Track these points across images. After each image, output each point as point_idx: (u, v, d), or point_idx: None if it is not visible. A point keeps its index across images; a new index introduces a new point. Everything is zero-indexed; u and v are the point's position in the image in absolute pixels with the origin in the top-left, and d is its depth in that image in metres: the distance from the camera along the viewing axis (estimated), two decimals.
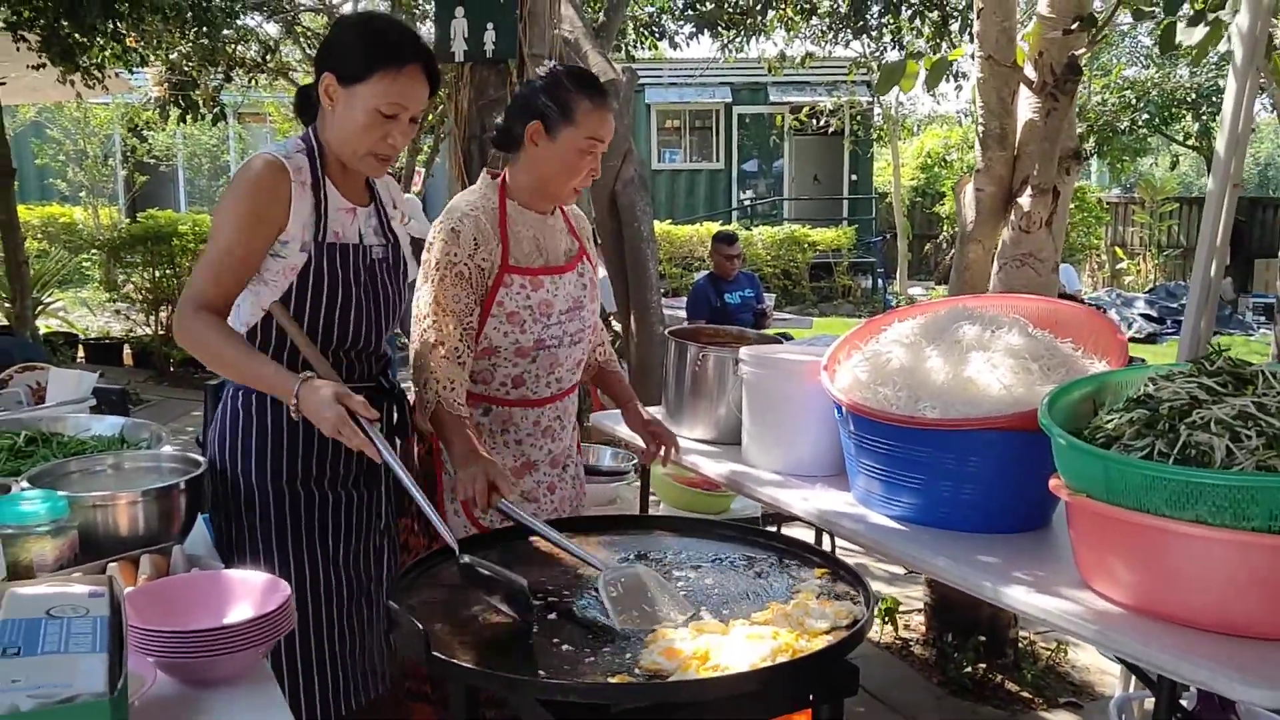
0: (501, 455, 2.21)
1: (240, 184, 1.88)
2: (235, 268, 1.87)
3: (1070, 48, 2.91)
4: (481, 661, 1.42)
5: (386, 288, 2.03)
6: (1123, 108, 14.18)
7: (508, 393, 2.21)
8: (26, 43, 6.37)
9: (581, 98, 2.11)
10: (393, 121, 1.88)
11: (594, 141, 2.12)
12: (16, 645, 1.00)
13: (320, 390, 1.77)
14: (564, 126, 2.10)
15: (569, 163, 2.13)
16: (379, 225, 2.05)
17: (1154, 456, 1.60)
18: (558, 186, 2.18)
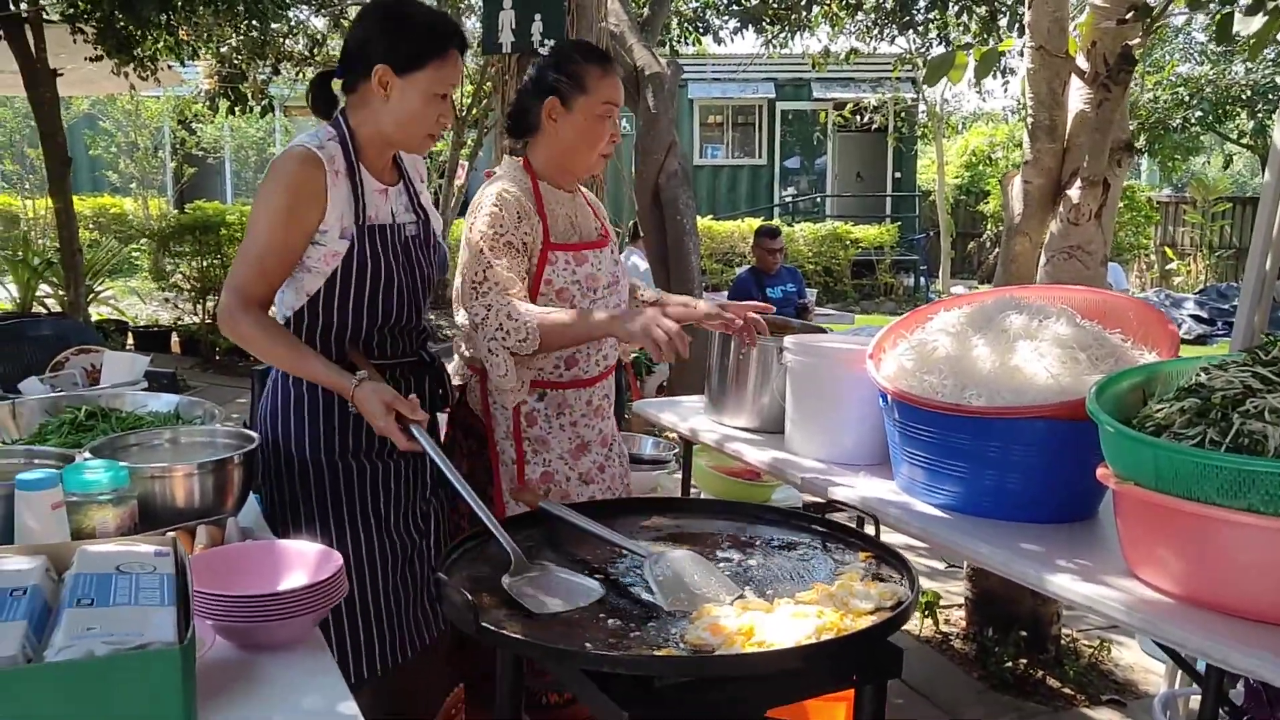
0: (558, 439, 2.25)
1: (276, 179, 1.93)
2: (277, 261, 1.93)
3: (1124, 38, 2.88)
4: (528, 633, 1.44)
5: (421, 263, 2.09)
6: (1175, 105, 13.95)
7: (560, 375, 2.24)
8: (83, 34, 6.52)
9: (591, 66, 2.19)
10: (444, 101, 1.97)
11: (610, 106, 2.19)
12: (90, 597, 1.04)
13: (370, 401, 1.85)
14: (579, 96, 2.18)
15: (589, 130, 2.20)
16: (409, 202, 2.11)
17: (1205, 445, 1.58)
18: (583, 156, 2.23)
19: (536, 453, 2.24)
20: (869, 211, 18.93)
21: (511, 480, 2.23)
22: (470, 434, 2.30)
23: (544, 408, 2.24)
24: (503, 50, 4.36)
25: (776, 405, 2.72)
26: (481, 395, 2.26)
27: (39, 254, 9.69)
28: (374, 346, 2.04)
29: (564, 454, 2.26)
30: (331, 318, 1.99)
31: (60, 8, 6.79)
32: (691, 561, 1.66)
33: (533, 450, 2.24)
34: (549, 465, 2.25)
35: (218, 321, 1.94)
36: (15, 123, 15.81)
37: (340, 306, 1.98)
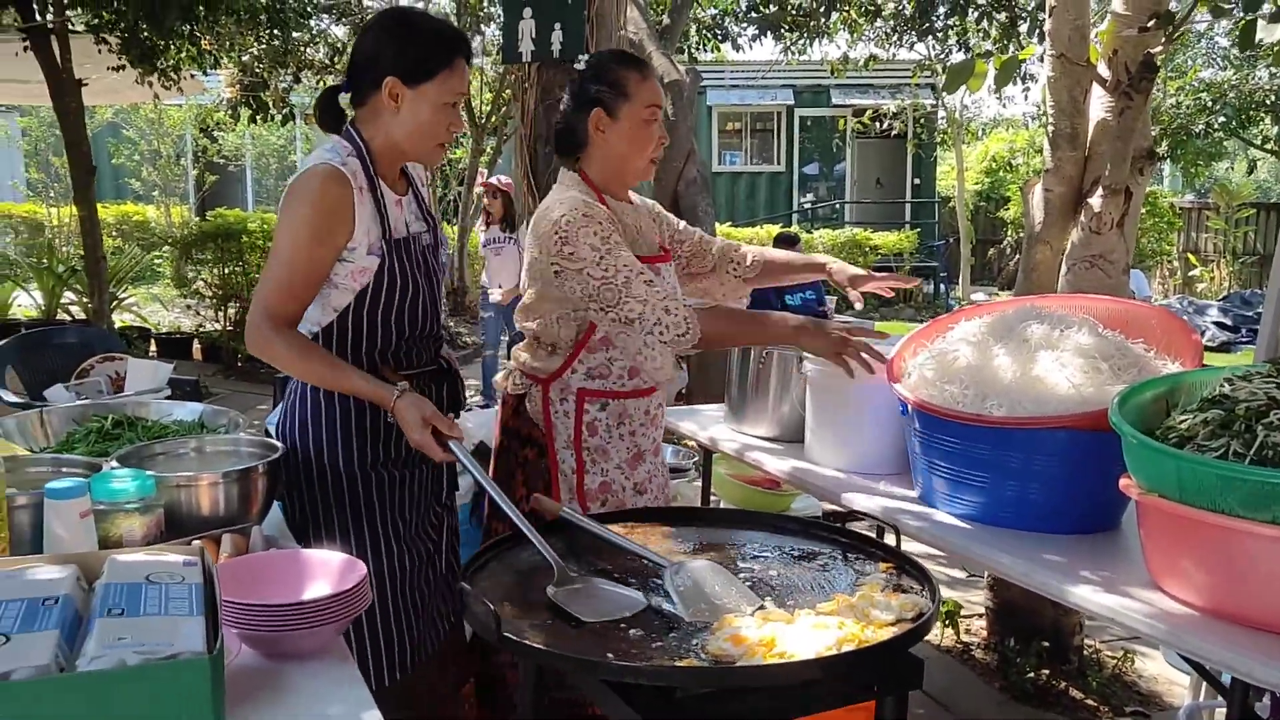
0: (616, 449, 2.26)
1: (303, 198, 1.91)
2: (307, 281, 1.93)
3: (1145, 45, 2.87)
4: (550, 643, 1.45)
5: (435, 271, 2.12)
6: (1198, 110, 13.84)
7: (624, 384, 2.24)
8: (107, 45, 6.59)
9: (630, 71, 2.21)
10: (454, 110, 1.99)
11: (654, 108, 2.21)
12: (120, 606, 1.05)
13: (410, 413, 1.87)
14: (623, 103, 2.19)
15: (637, 136, 2.21)
16: (418, 209, 2.13)
17: (1229, 457, 1.57)
18: (635, 163, 2.24)
19: (595, 463, 2.25)
20: (888, 218, 18.89)
21: (570, 490, 2.24)
22: (527, 443, 2.29)
23: (605, 417, 2.25)
24: (523, 59, 4.39)
25: (796, 414, 2.73)
26: (543, 404, 2.25)
27: (64, 261, 9.80)
28: (400, 357, 2.05)
29: (621, 464, 2.27)
30: (361, 332, 1.99)
31: (85, 19, 6.87)
32: (712, 571, 1.67)
33: (592, 460, 2.24)
34: (607, 475, 2.25)
35: (247, 342, 1.94)
36: (41, 131, 16.00)
37: (370, 321, 1.99)
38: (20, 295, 9.89)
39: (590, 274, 2.10)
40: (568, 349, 2.22)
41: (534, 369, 2.27)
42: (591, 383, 2.22)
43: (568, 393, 2.23)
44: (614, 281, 2.08)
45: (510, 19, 4.44)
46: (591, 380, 2.22)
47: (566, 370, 2.22)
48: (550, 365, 2.24)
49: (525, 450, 2.29)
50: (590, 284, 2.10)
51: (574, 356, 2.21)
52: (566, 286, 2.14)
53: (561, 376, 2.23)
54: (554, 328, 2.21)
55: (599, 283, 2.09)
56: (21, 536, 1.58)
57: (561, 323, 2.21)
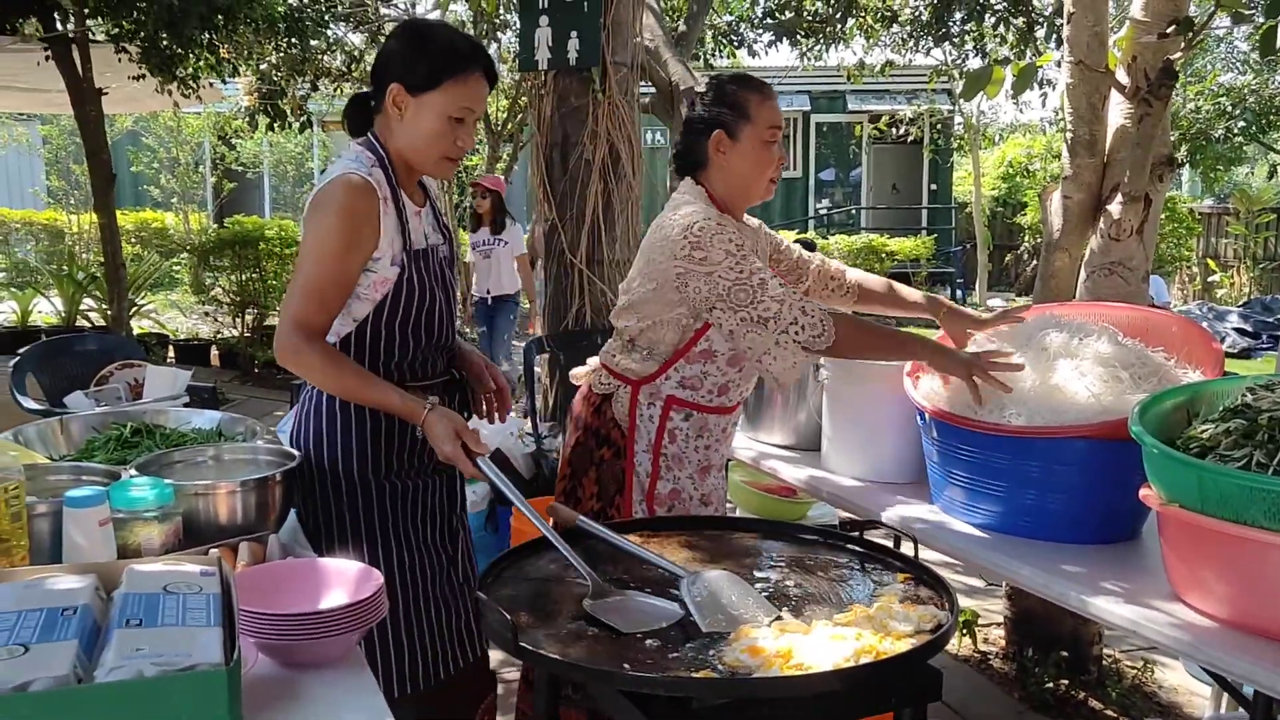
0: (691, 459, 2.28)
1: (330, 208, 1.90)
2: (337, 292, 1.93)
3: (1165, 52, 2.85)
4: (567, 653, 1.45)
5: (450, 282, 2.11)
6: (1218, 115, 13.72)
7: (711, 400, 2.27)
8: (127, 54, 6.64)
9: (750, 93, 2.23)
10: (461, 125, 1.95)
11: (775, 130, 2.24)
12: (138, 617, 1.06)
13: (438, 426, 1.87)
14: (744, 125, 2.22)
15: (759, 157, 2.23)
16: (435, 221, 2.12)
17: (1252, 467, 1.56)
18: (756, 184, 2.26)
19: (669, 469, 2.27)
20: (904, 224, 18.82)
21: (643, 492, 2.27)
22: (605, 443, 2.30)
23: (687, 427, 2.27)
24: (539, 67, 4.41)
25: (813, 422, 2.72)
26: (630, 406, 2.27)
27: (83, 268, 9.88)
28: (416, 368, 2.05)
29: (693, 474, 2.29)
30: (380, 342, 1.99)
31: (106, 28, 6.93)
32: (729, 581, 1.66)
33: (666, 466, 2.27)
34: (678, 483, 2.28)
35: (276, 353, 1.93)
36: (61, 140, 16.16)
37: (389, 331, 1.99)
38: (41, 302, 9.97)
39: (722, 276, 2.11)
40: (665, 355, 2.24)
41: (626, 369, 2.28)
42: (682, 392, 2.25)
43: (656, 398, 2.25)
44: (749, 282, 2.10)
45: (526, 27, 4.46)
46: (682, 390, 2.25)
47: (660, 376, 2.24)
48: (645, 369, 2.26)
49: (602, 449, 2.30)
50: (721, 285, 2.11)
51: (671, 363, 2.23)
52: (689, 289, 2.14)
53: (654, 381, 2.25)
54: (657, 331, 2.23)
55: (732, 283, 2.10)
56: (41, 545, 1.59)
57: (666, 327, 2.22)
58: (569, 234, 4.44)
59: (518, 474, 4.11)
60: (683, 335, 2.21)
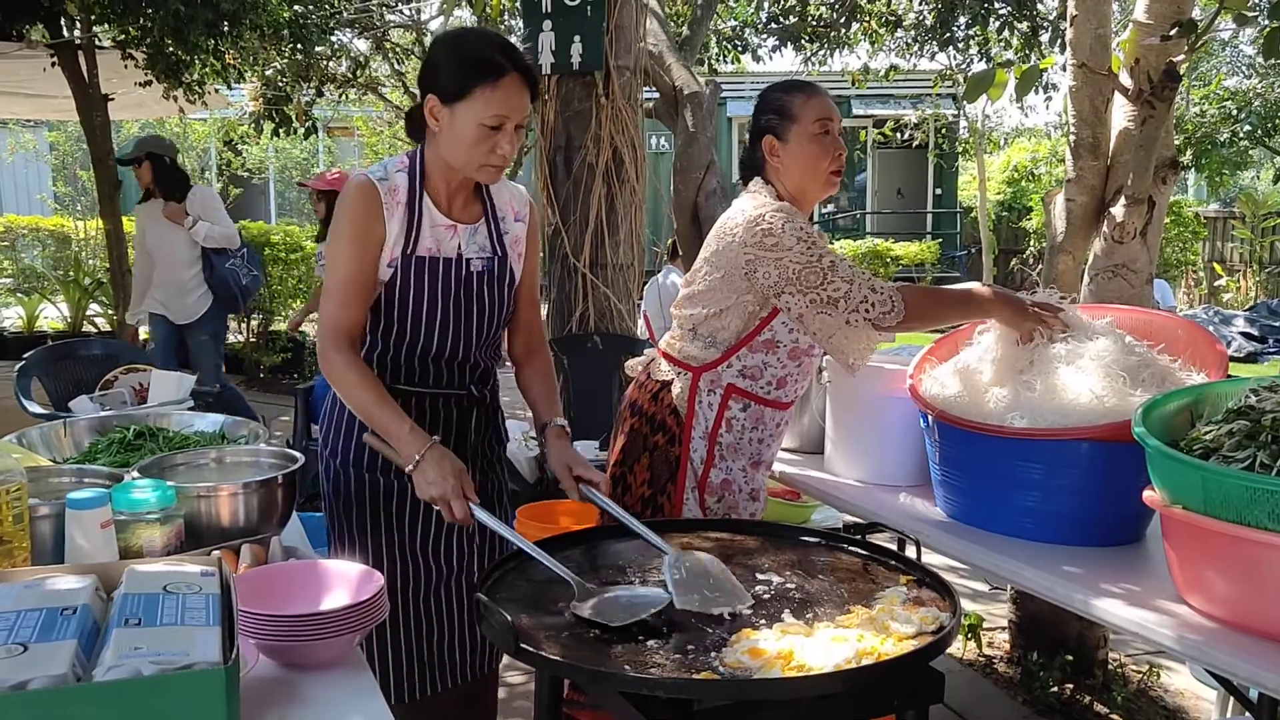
0: (745, 450, 2.29)
1: (341, 210, 1.97)
2: (355, 289, 1.95)
3: (1168, 54, 2.84)
4: (567, 654, 1.45)
5: (483, 299, 2.05)
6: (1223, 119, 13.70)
7: (769, 392, 2.27)
8: (134, 60, 6.67)
9: (793, 95, 2.26)
10: (499, 133, 1.91)
11: (823, 121, 2.24)
12: (138, 616, 1.06)
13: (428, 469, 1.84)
14: (790, 126, 2.24)
15: (809, 152, 2.24)
16: (488, 240, 2.07)
17: (1256, 468, 1.55)
18: (813, 179, 2.27)
19: (723, 459, 2.27)
20: (910, 228, 18.82)
21: (695, 480, 2.27)
22: (660, 429, 2.30)
23: (744, 418, 2.27)
24: (543, 71, 4.42)
25: (816, 425, 2.72)
26: (690, 392, 2.27)
27: (89, 274, 9.91)
28: (416, 375, 2.05)
29: (745, 466, 2.30)
30: (377, 340, 2.02)
31: (112, 34, 6.95)
32: (710, 564, 1.68)
33: (720, 456, 2.27)
34: (730, 474, 2.29)
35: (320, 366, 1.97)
36: (68, 146, 16.20)
37: (385, 331, 2.01)
38: (47, 308, 10.00)
39: (793, 260, 2.12)
40: (729, 342, 2.24)
41: (689, 356, 2.29)
42: (742, 381, 2.25)
43: (717, 385, 2.26)
44: (819, 265, 2.11)
45: (530, 31, 4.47)
46: (743, 379, 2.25)
47: (723, 363, 2.25)
48: (707, 355, 2.26)
49: (656, 436, 2.30)
50: (791, 269, 2.12)
51: (734, 351, 2.24)
52: (758, 275, 2.15)
53: (715, 369, 2.26)
54: (722, 319, 2.23)
55: (802, 266, 2.11)
56: (43, 546, 1.60)
57: (731, 314, 2.22)
58: (572, 238, 4.44)
59: (522, 478, 4.11)
60: (747, 323, 2.22)
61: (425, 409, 2.07)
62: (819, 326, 2.13)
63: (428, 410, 2.07)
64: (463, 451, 2.10)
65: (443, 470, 1.83)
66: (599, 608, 1.57)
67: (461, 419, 2.11)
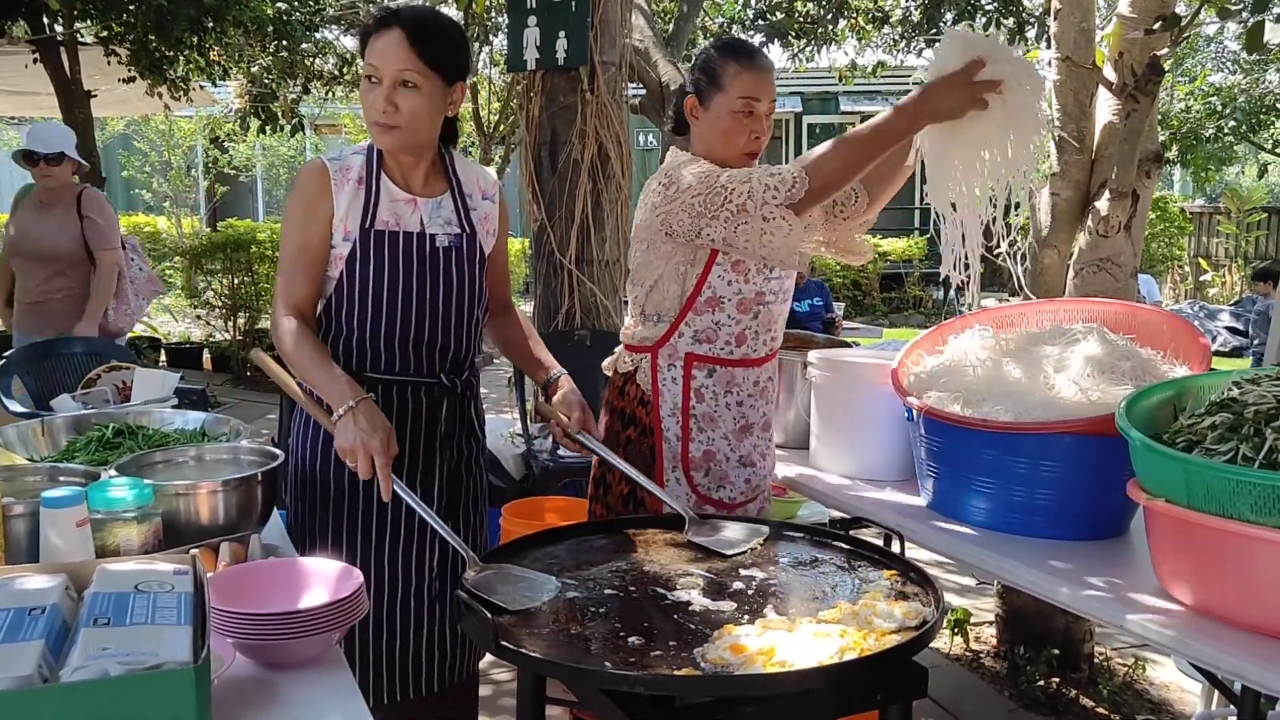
0: (723, 417, 2.24)
1: (292, 190, 2.05)
2: (298, 262, 1.99)
3: (1152, 48, 2.85)
4: (548, 652, 1.43)
5: (451, 276, 2.04)
6: (1208, 115, 13.76)
7: (731, 352, 2.22)
8: (117, 56, 6.63)
9: (728, 61, 2.16)
10: (375, 88, 1.95)
11: (748, 100, 2.15)
12: (107, 616, 1.04)
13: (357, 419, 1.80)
14: (715, 94, 2.17)
15: (727, 127, 2.17)
16: (454, 215, 2.08)
17: (1238, 460, 1.55)
18: (725, 153, 2.19)
19: (702, 429, 2.23)
20: (897, 224, 18.83)
21: (675, 457, 2.22)
22: (631, 423, 2.27)
23: (712, 384, 2.22)
24: (528, 67, 4.40)
25: (802, 420, 2.71)
26: (651, 372, 2.24)
27: None
28: (382, 360, 2.02)
29: (728, 434, 2.24)
30: (342, 323, 2.01)
31: (94, 30, 6.91)
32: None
33: (698, 427, 2.23)
34: (712, 444, 2.23)
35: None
36: None
37: (348, 313, 2.00)
38: None
39: (694, 194, 2.09)
40: (673, 311, 2.21)
41: (643, 339, 2.26)
42: (699, 347, 2.20)
43: (675, 358, 2.22)
44: (717, 184, 2.07)
45: (515, 27, 4.45)
46: (699, 344, 2.21)
47: (674, 334, 2.21)
48: (658, 332, 2.23)
49: (627, 430, 2.27)
50: (696, 203, 2.08)
51: (681, 318, 2.20)
52: (673, 226, 2.12)
53: (669, 341, 2.22)
54: (660, 289, 2.20)
55: (703, 195, 2.07)
56: (18, 546, 1.57)
57: (667, 280, 2.19)
58: (558, 233, 4.43)
59: (508, 475, 4.09)
60: (684, 286, 2.18)
61: (393, 398, 2.03)
62: (744, 241, 2.07)
63: (394, 399, 2.04)
64: (431, 445, 2.08)
65: (372, 423, 1.80)
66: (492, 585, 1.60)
67: (431, 409, 2.08)
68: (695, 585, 1.67)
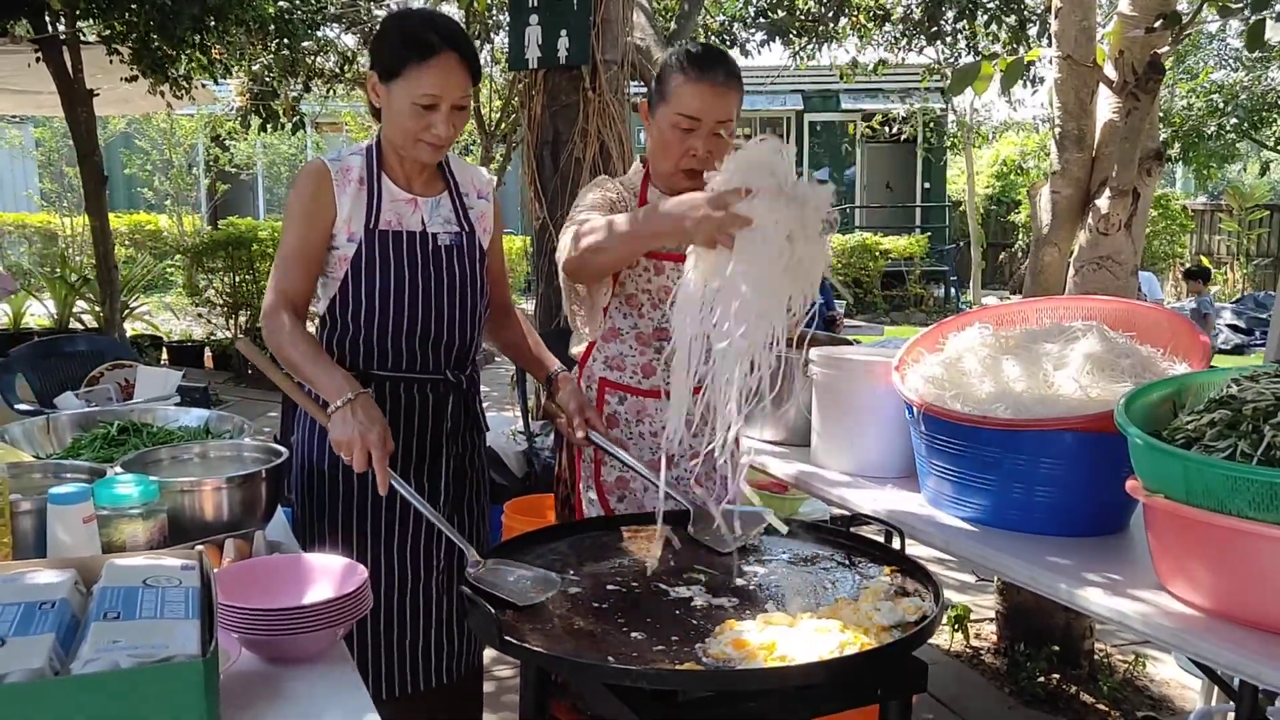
0: (638, 446, 2.20)
1: (292, 189, 2.04)
2: (295, 262, 1.99)
3: (1152, 46, 2.85)
4: (551, 646, 1.45)
5: (454, 274, 2.06)
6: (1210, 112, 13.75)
7: (639, 382, 2.20)
8: (119, 55, 6.63)
9: (676, 71, 2.06)
10: (433, 112, 1.93)
11: (685, 119, 2.04)
12: (116, 610, 1.05)
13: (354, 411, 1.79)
14: (659, 104, 2.09)
15: (664, 140, 2.09)
16: (453, 214, 2.10)
17: (1237, 457, 1.56)
18: (660, 166, 2.14)
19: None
20: (899, 222, 18.85)
21: (589, 479, 2.21)
22: (562, 439, 2.25)
23: (624, 411, 2.21)
24: (529, 66, 4.41)
25: (803, 418, 2.72)
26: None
27: (76, 271, 9.86)
28: (389, 358, 2.04)
29: (642, 462, 2.17)
30: (349, 322, 2.02)
31: (97, 29, 6.92)
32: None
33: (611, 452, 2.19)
34: (625, 470, 2.18)
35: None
36: (54, 142, 16.10)
37: (354, 312, 2.01)
38: (34, 304, 9.96)
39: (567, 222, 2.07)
40: (586, 335, 2.22)
41: (574, 354, 2.26)
42: (611, 373, 2.20)
43: (591, 380, 2.22)
44: (573, 213, 2.05)
45: (516, 25, 4.46)
46: (610, 370, 2.20)
47: (589, 356, 2.22)
48: (578, 351, 2.24)
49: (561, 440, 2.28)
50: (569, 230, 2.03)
51: (593, 343, 2.20)
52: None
53: (587, 363, 2.22)
54: (573, 310, 2.21)
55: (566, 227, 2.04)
56: (25, 542, 1.59)
57: (574, 303, 2.20)
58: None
59: (510, 472, 4.10)
60: (588, 310, 2.19)
61: (400, 395, 2.05)
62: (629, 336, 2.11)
63: (402, 396, 2.06)
64: (439, 440, 2.10)
65: (370, 416, 1.80)
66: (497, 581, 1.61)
67: (438, 406, 2.10)
68: (697, 581, 1.69)
